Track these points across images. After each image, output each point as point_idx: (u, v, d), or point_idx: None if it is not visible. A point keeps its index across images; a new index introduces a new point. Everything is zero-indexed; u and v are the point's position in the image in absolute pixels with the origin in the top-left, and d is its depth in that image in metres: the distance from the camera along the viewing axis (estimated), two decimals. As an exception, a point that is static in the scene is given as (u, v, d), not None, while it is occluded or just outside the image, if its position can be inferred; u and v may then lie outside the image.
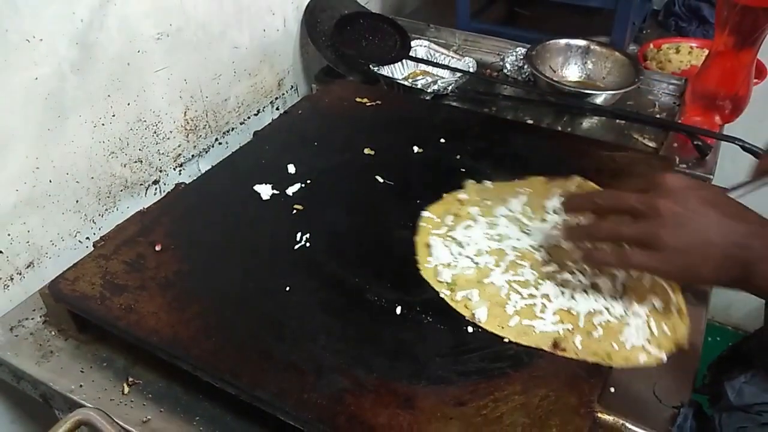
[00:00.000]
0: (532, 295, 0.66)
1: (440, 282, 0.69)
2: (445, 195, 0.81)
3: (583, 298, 0.66)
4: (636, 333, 0.63)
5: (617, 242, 0.62)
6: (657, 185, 0.60)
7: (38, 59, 0.74)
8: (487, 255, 0.71)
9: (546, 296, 0.66)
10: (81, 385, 0.67)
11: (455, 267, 0.70)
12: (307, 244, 0.75)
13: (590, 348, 0.62)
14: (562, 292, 0.67)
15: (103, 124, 0.85)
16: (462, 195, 0.81)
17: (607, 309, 0.65)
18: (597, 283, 0.67)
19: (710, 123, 1.04)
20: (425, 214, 0.78)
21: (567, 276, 0.68)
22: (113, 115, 0.86)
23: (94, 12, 0.80)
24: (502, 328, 0.64)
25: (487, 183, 0.83)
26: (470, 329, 0.64)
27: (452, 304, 0.67)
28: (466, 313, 0.65)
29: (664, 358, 0.61)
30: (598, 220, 0.66)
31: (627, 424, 0.56)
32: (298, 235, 0.76)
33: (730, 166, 0.98)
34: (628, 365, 0.61)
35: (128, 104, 0.88)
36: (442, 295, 0.67)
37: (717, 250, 0.56)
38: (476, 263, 0.70)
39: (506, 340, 0.63)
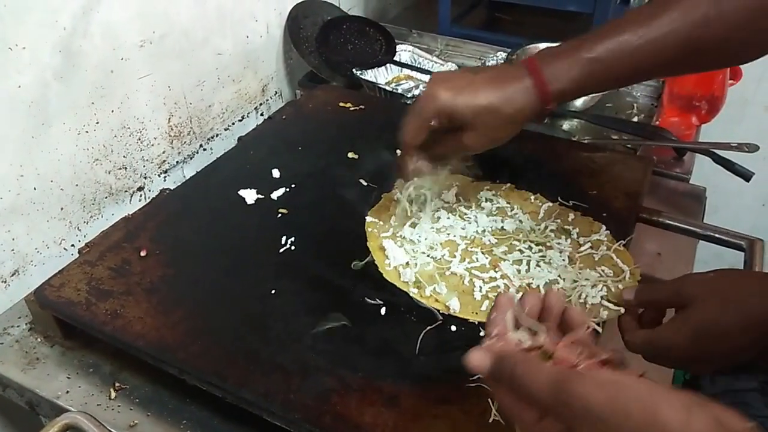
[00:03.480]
0: (492, 278, 0.70)
1: (405, 282, 0.70)
2: (383, 196, 0.83)
3: (537, 271, 0.71)
4: (592, 293, 0.66)
5: None
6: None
7: (21, 67, 0.75)
8: (440, 248, 0.74)
9: (505, 276, 0.70)
10: (67, 391, 0.67)
11: (415, 265, 0.72)
12: (292, 248, 0.76)
13: None
14: (518, 270, 0.71)
15: (87, 132, 0.85)
16: (397, 195, 0.83)
17: (561, 277, 0.69)
18: (545, 256, 0.72)
19: (687, 123, 1.07)
20: (368, 218, 0.79)
21: (517, 255, 0.73)
22: (97, 123, 0.86)
23: (77, 20, 0.80)
24: (476, 314, 0.66)
25: (416, 180, 0.85)
26: (453, 327, 0.65)
27: (423, 300, 0.68)
28: (440, 307, 0.67)
29: (623, 310, 0.63)
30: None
31: (607, 418, 0.56)
32: (283, 238, 0.76)
33: (708, 166, 1.00)
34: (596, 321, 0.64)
35: (112, 111, 0.88)
36: (411, 294, 0.69)
37: None
38: (433, 257, 0.73)
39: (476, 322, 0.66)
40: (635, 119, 1.12)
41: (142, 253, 0.74)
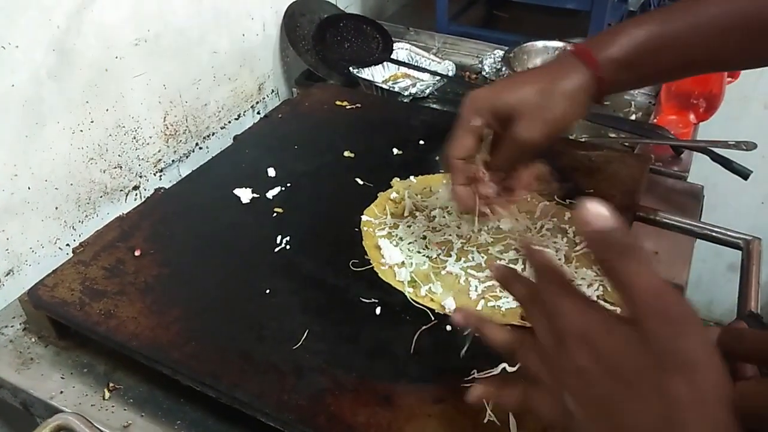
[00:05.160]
0: (488, 277, 0.69)
1: (400, 282, 0.70)
2: (379, 194, 0.83)
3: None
4: (589, 292, 0.66)
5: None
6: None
7: (15, 66, 0.74)
8: (436, 247, 0.74)
9: None
10: (61, 392, 0.67)
11: (410, 264, 0.72)
12: (287, 247, 0.75)
13: None
14: None
15: (81, 131, 0.85)
16: (393, 194, 0.83)
17: None
18: None
19: (685, 121, 1.06)
20: (364, 218, 0.79)
21: (513, 254, 0.72)
22: (92, 121, 0.86)
23: (71, 18, 0.80)
24: None
25: (412, 178, 0.86)
26: (448, 327, 0.65)
27: (419, 300, 0.68)
28: (435, 306, 0.67)
29: (619, 310, 0.62)
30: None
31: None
32: (278, 237, 0.76)
33: (706, 165, 0.99)
34: None
35: (107, 110, 0.88)
36: (406, 294, 0.68)
37: None
38: (428, 257, 0.73)
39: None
40: (633, 117, 1.11)
41: (137, 253, 0.74)
